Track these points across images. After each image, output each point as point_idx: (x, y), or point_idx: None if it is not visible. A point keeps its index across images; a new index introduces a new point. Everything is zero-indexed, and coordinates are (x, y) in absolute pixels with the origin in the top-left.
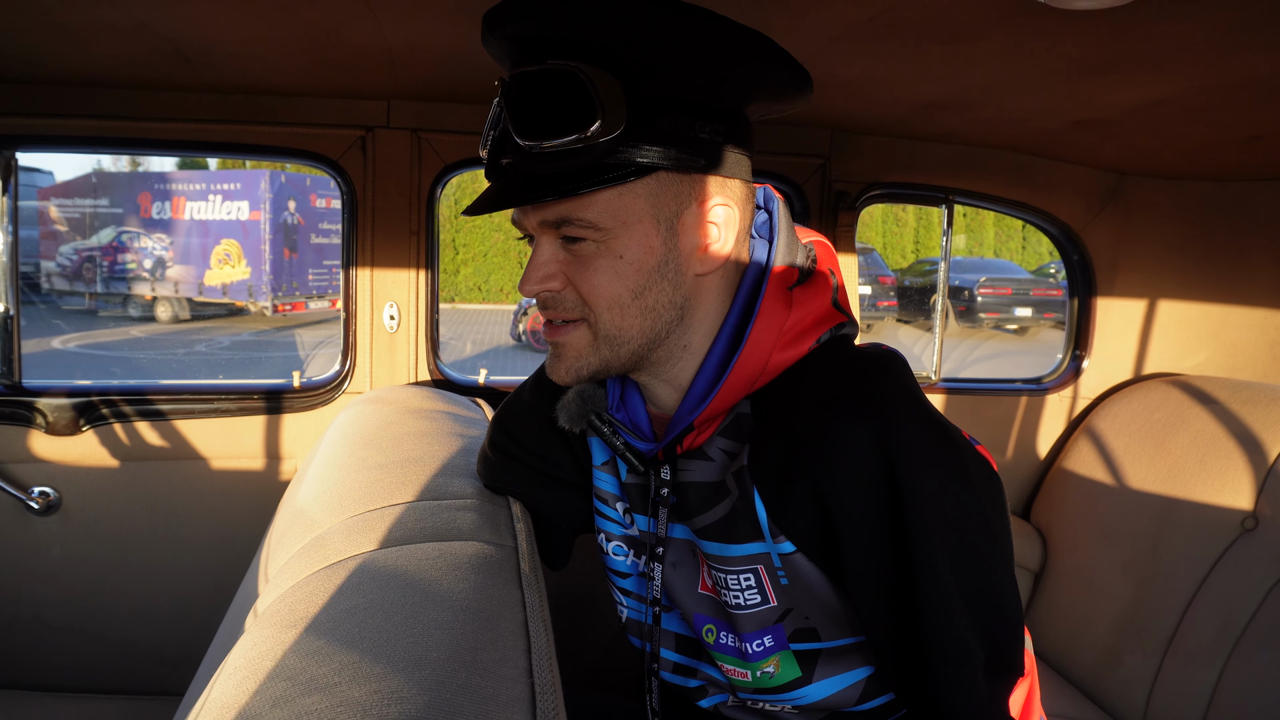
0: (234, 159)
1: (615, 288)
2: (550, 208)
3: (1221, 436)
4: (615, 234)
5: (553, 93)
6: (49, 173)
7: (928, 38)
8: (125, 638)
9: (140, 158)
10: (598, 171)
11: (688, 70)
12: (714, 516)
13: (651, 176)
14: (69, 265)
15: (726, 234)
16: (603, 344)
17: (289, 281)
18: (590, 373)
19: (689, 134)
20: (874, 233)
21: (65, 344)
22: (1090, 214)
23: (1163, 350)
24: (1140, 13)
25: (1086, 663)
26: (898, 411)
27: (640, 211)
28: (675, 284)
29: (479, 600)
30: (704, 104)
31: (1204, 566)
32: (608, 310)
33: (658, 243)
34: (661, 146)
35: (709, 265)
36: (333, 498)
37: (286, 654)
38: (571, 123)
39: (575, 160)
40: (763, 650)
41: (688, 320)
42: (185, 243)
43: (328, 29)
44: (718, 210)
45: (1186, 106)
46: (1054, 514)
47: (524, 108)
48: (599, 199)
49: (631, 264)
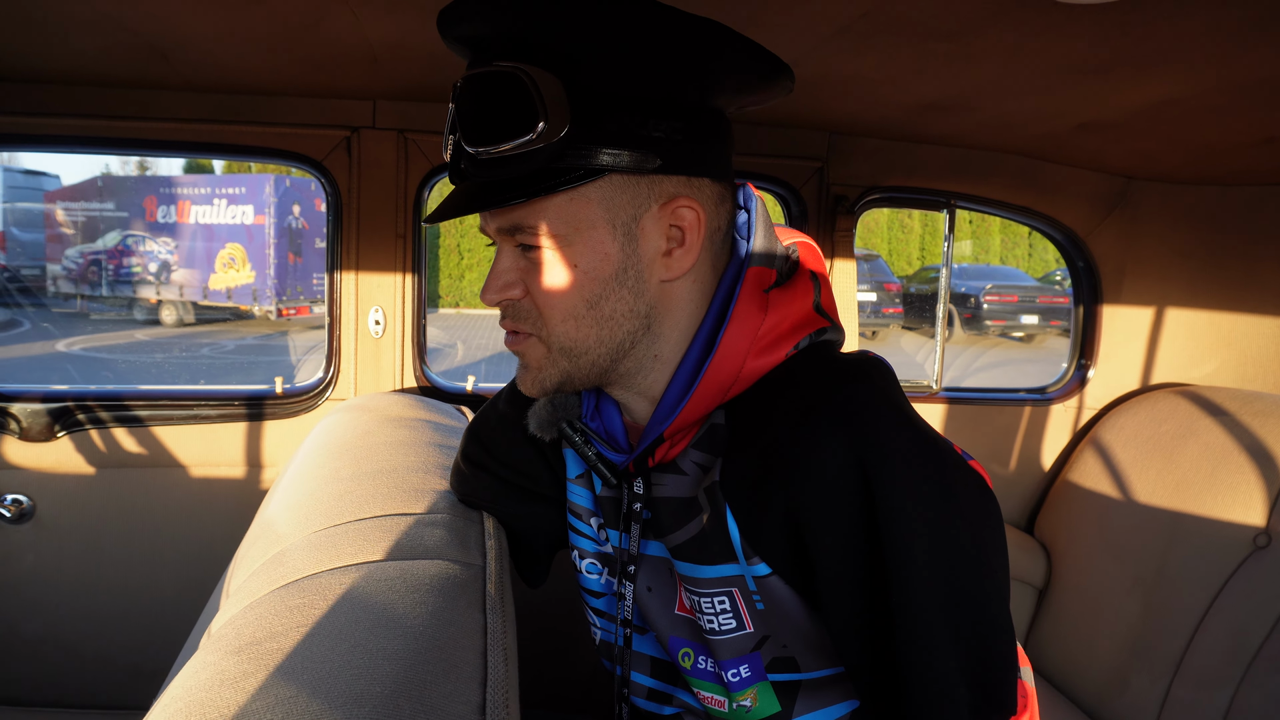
0: (218, 159)
1: (570, 298)
2: (503, 215)
3: (1233, 449)
4: (568, 241)
5: (499, 96)
6: (55, 176)
7: (925, 35)
8: (100, 651)
9: (148, 161)
10: (545, 176)
11: (635, 66)
12: (686, 534)
13: (604, 180)
14: (75, 268)
15: (693, 237)
16: (559, 356)
17: (293, 285)
18: (554, 384)
19: (640, 133)
20: (879, 239)
21: (70, 347)
22: (1096, 219)
23: (1171, 359)
24: (1143, 9)
25: (1091, 684)
26: (877, 422)
27: (593, 217)
28: (636, 292)
29: (436, 626)
30: (658, 100)
31: (1214, 585)
32: (561, 322)
33: (614, 249)
34: (611, 147)
35: (675, 270)
36: (299, 511)
37: (224, 684)
38: (516, 127)
39: (523, 165)
40: (739, 680)
41: (655, 329)
42: (190, 246)
43: (304, 24)
44: (682, 213)
45: (1194, 108)
46: (1058, 528)
47: (472, 112)
48: (550, 205)
49: (586, 273)
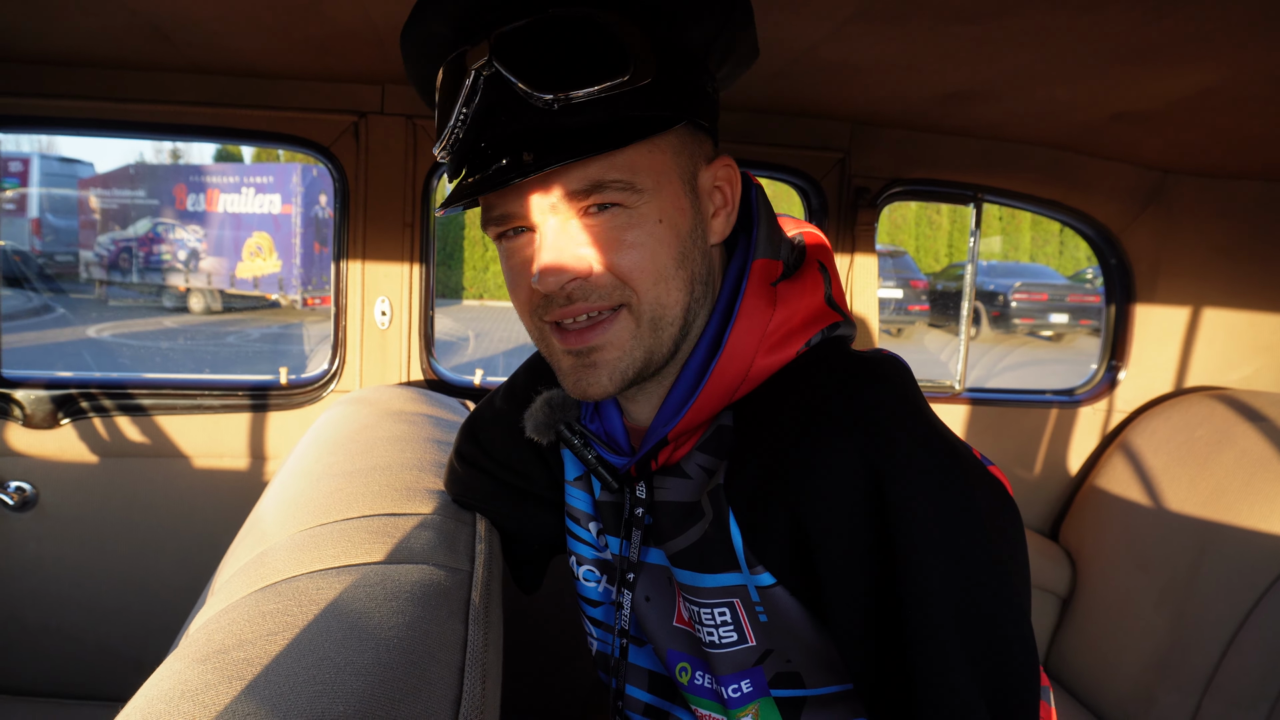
0: (223, 143)
1: (660, 257)
2: (578, 171)
3: (1271, 457)
4: (651, 196)
5: (564, 44)
6: (90, 163)
7: (949, 17)
8: (102, 640)
9: (180, 149)
10: (635, 126)
11: (698, 21)
12: (687, 541)
13: (674, 131)
14: (106, 255)
15: (733, 198)
16: (646, 330)
17: (319, 275)
18: (636, 371)
19: (700, 86)
20: (907, 235)
21: (100, 332)
22: (1130, 214)
23: (1207, 362)
24: None
25: (1116, 699)
26: (891, 425)
27: (670, 169)
28: (704, 253)
29: (411, 639)
30: (705, 59)
31: (1249, 600)
32: (654, 285)
33: (687, 204)
34: (683, 97)
35: (720, 233)
36: (287, 509)
37: (184, 697)
38: (601, 71)
39: (603, 113)
40: (740, 696)
41: (704, 300)
42: (218, 234)
43: (304, 4)
44: (722, 171)
45: (1237, 97)
46: (1084, 536)
47: (535, 61)
48: (633, 156)
49: (672, 228)
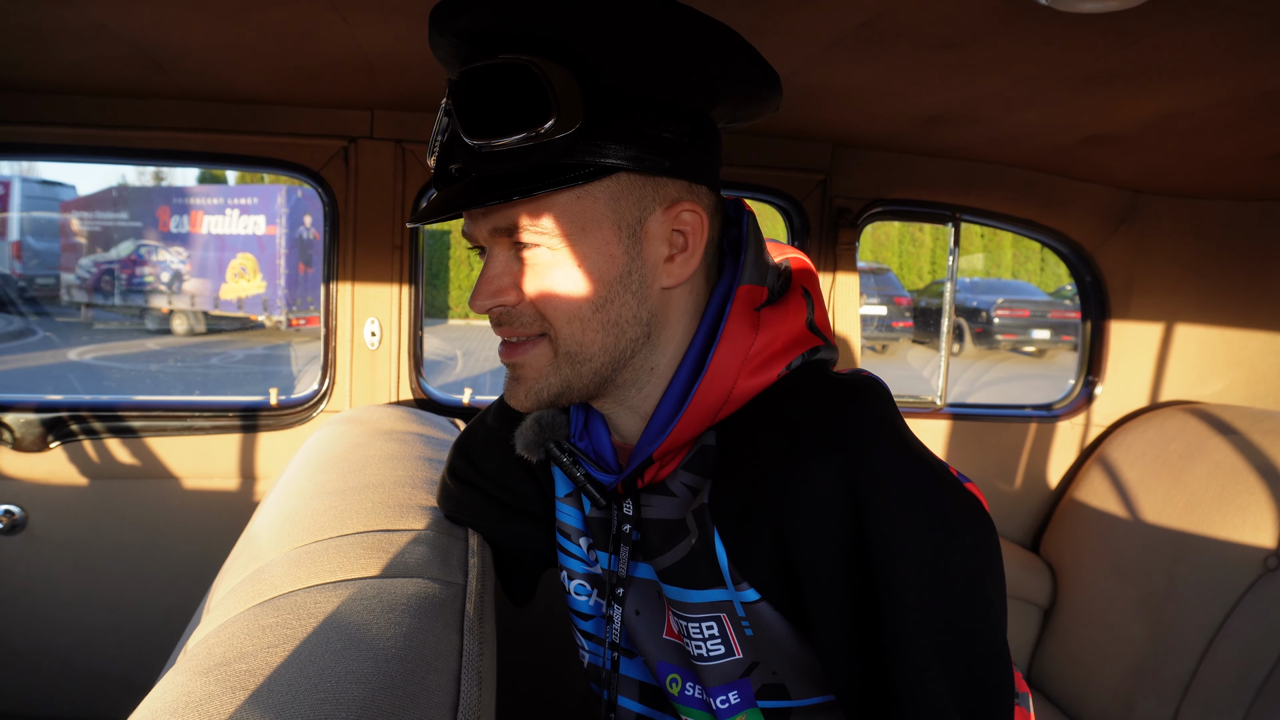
0: (215, 169)
1: (575, 300)
2: (501, 212)
3: (1242, 469)
4: (573, 241)
5: (504, 89)
6: (71, 186)
7: (925, 44)
8: (92, 663)
9: (164, 172)
10: (553, 172)
11: (649, 65)
12: (674, 558)
13: (611, 178)
14: (88, 277)
15: (695, 243)
16: (563, 361)
17: (303, 296)
18: (551, 395)
19: (651, 132)
20: (890, 252)
21: (82, 355)
22: (1104, 233)
23: (1180, 377)
24: (1149, 18)
25: (1097, 707)
26: (869, 445)
27: (600, 216)
28: (640, 297)
29: (409, 649)
30: (667, 102)
31: (1223, 608)
32: (568, 324)
33: (619, 251)
34: (622, 145)
35: (676, 277)
36: (282, 526)
37: (189, 708)
38: (524, 119)
39: (528, 160)
40: (729, 708)
41: (654, 339)
42: (202, 256)
43: (297, 33)
44: (685, 216)
45: (1203, 121)
46: (1064, 547)
47: (473, 105)
48: (555, 202)
49: (591, 273)
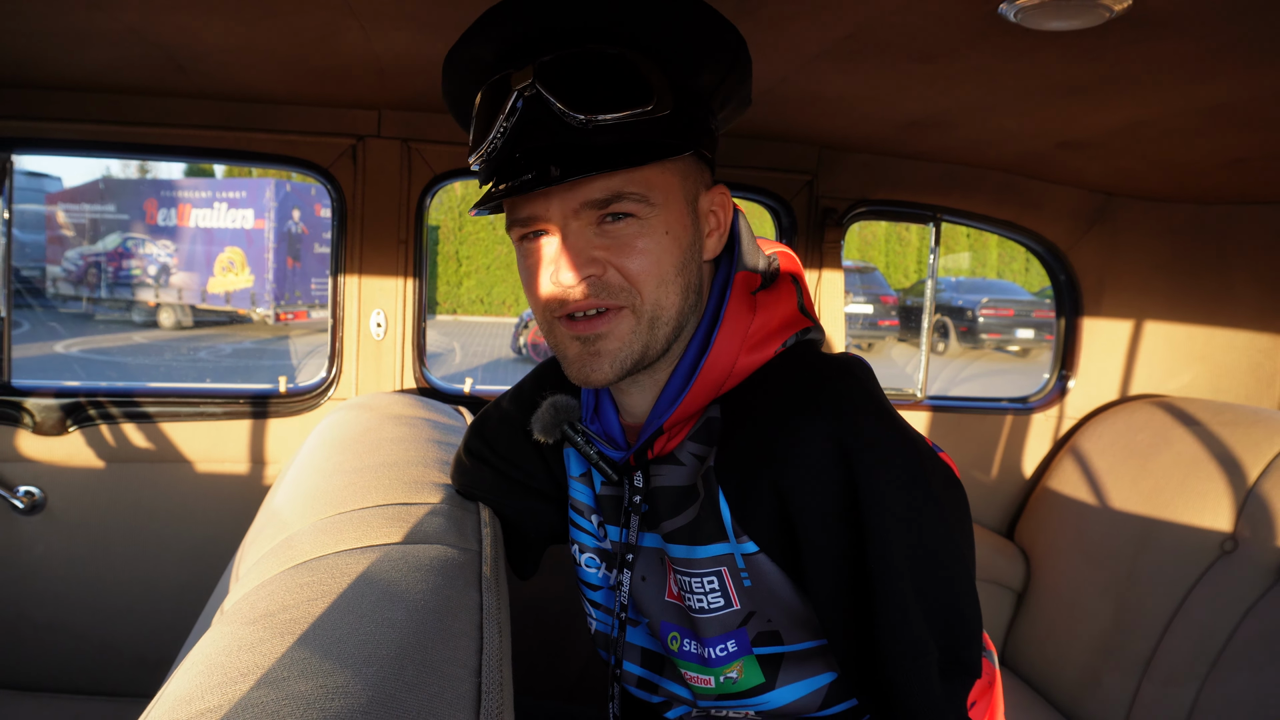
0: (228, 165)
1: (663, 264)
2: (600, 183)
3: (1203, 458)
4: (661, 210)
5: (599, 74)
6: (57, 178)
7: (905, 56)
8: (107, 638)
9: (148, 164)
10: (653, 149)
11: (709, 67)
12: (683, 520)
13: (682, 159)
14: (74, 270)
15: (725, 221)
16: (645, 327)
17: (292, 290)
18: (633, 362)
19: (707, 122)
20: (877, 252)
21: (68, 348)
22: (1077, 234)
23: (1149, 371)
24: (1110, 36)
25: (1066, 683)
26: (857, 413)
27: (676, 189)
28: (698, 265)
29: (436, 601)
30: (711, 101)
31: (1183, 588)
32: (656, 287)
33: (690, 222)
34: (692, 130)
35: (712, 251)
36: (305, 500)
37: (242, 650)
38: (628, 99)
39: (626, 136)
40: (725, 655)
41: (696, 308)
42: (190, 250)
43: (317, 38)
44: (718, 198)
45: (1167, 129)
46: (1037, 534)
47: (571, 86)
48: (648, 174)
49: (675, 240)
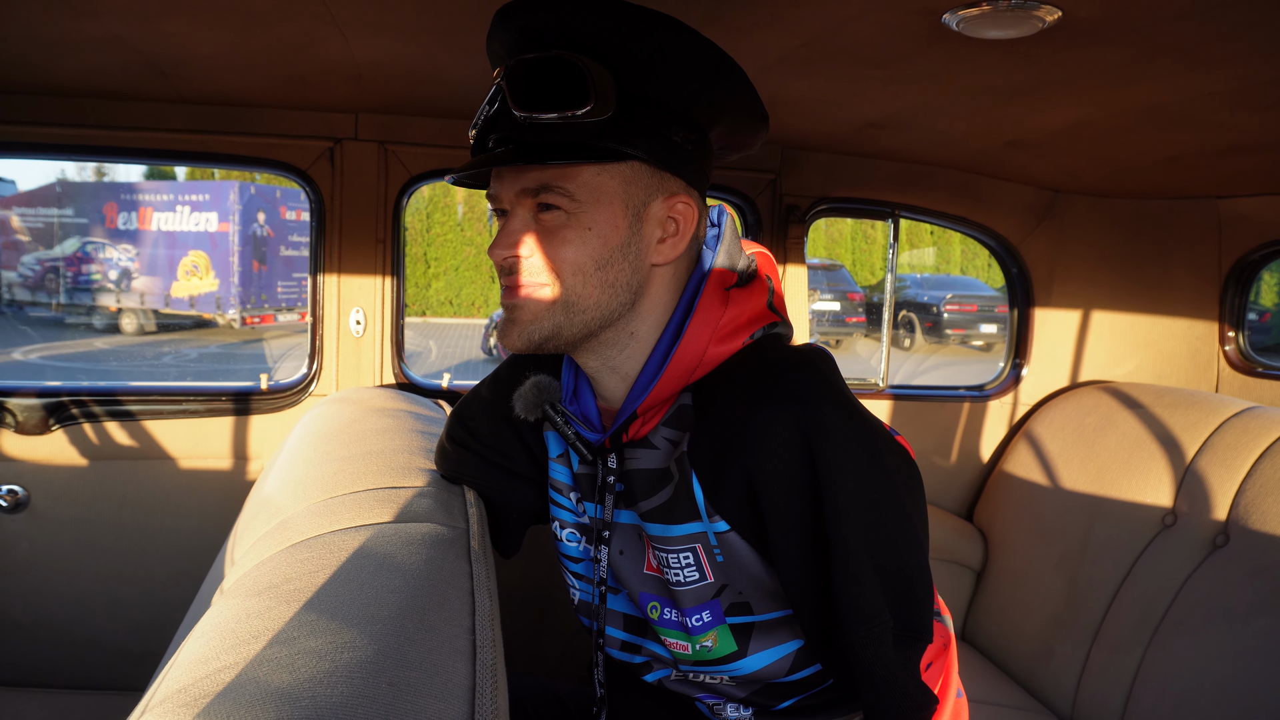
0: (207, 168)
1: (581, 257)
2: (533, 175)
3: (1145, 439)
4: (588, 208)
5: (552, 77)
6: (11, 181)
7: (859, 62)
8: (91, 634)
9: (106, 167)
10: (583, 149)
11: (672, 79)
12: (658, 500)
13: (627, 165)
14: (31, 275)
15: (685, 230)
16: (559, 309)
17: (257, 294)
18: (541, 338)
19: (665, 135)
20: (844, 250)
21: (27, 355)
22: (1027, 228)
23: (1097, 358)
24: (1044, 45)
25: (1023, 655)
26: (818, 399)
27: (613, 193)
28: (634, 267)
29: (430, 570)
30: (680, 112)
31: (1127, 561)
32: (572, 276)
33: (624, 224)
34: (641, 138)
35: (665, 257)
36: (298, 486)
37: (251, 617)
38: (565, 101)
39: (564, 136)
40: (702, 625)
41: (638, 307)
42: (152, 254)
43: (298, 45)
44: (679, 207)
45: (1104, 129)
46: (994, 515)
47: (524, 85)
48: (579, 173)
49: (600, 237)
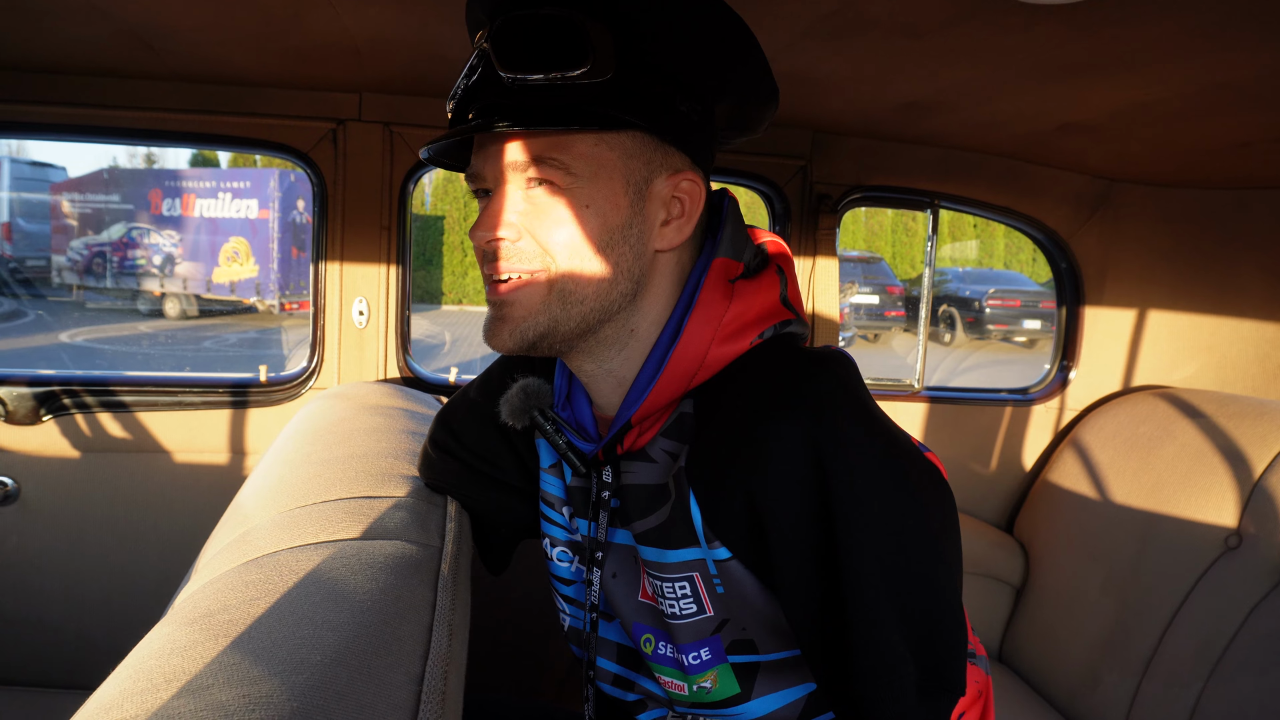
0: (204, 149)
1: (577, 238)
2: (524, 144)
3: (1207, 451)
4: (586, 182)
5: (545, 35)
6: (62, 168)
7: (895, 32)
8: (82, 631)
9: (155, 154)
10: (579, 114)
11: (679, 43)
12: (654, 521)
13: (628, 135)
14: (80, 260)
15: (691, 211)
16: (555, 300)
17: (296, 280)
18: (535, 335)
19: (670, 102)
20: (884, 242)
21: (73, 337)
22: (1078, 221)
23: (1152, 362)
24: (1101, 11)
25: (1065, 682)
26: (833, 410)
27: (613, 166)
28: (636, 252)
29: (385, 601)
30: (687, 81)
31: (1185, 585)
32: (568, 259)
33: (625, 202)
34: (644, 106)
35: (670, 241)
36: (268, 493)
37: (174, 653)
38: (559, 62)
39: (557, 99)
40: (700, 663)
41: (639, 301)
42: (194, 240)
43: (284, 15)
44: (685, 185)
45: (1171, 110)
46: (1037, 528)
47: (512, 45)
48: (575, 142)
49: (599, 216)
